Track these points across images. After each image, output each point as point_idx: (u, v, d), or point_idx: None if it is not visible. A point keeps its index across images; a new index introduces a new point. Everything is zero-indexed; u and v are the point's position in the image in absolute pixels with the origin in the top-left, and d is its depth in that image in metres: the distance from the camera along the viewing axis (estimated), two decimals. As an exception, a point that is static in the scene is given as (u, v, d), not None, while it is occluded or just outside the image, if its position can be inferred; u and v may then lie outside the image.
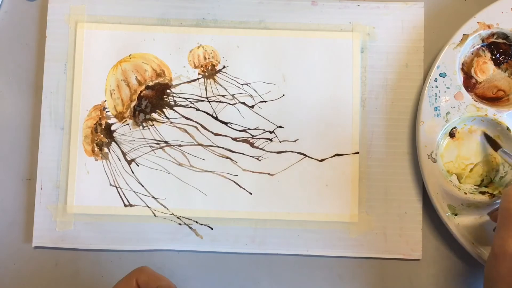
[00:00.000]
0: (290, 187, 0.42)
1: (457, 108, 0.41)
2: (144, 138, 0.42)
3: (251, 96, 0.43)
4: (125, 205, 0.42)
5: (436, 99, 0.41)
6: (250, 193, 0.42)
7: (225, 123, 0.43)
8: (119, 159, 0.42)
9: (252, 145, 0.42)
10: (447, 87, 0.41)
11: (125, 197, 0.42)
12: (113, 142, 0.42)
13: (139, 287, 0.34)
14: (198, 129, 0.42)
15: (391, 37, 0.43)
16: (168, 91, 0.43)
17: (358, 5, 0.43)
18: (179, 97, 0.43)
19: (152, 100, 0.43)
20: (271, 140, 0.42)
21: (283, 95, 0.43)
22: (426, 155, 0.40)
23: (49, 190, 0.42)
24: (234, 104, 0.43)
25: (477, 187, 0.41)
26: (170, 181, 0.42)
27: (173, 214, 0.42)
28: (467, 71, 0.43)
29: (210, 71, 0.43)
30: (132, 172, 0.42)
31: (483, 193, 0.41)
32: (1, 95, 0.43)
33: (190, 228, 0.42)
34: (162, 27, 0.43)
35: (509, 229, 0.34)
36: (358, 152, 0.42)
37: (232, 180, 0.42)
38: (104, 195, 0.42)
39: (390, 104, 0.43)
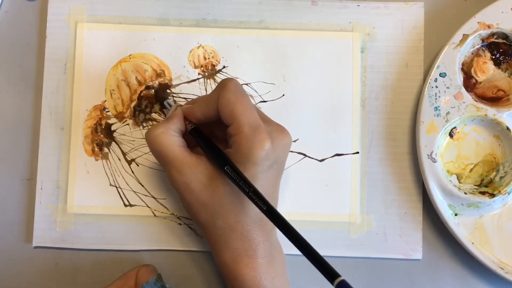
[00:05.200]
0: (290, 187, 0.42)
1: (457, 108, 0.41)
2: (144, 138, 0.42)
3: (251, 96, 0.43)
4: (125, 205, 0.42)
5: (436, 99, 0.41)
6: (250, 193, 0.42)
7: (225, 123, 0.42)
8: (119, 159, 0.42)
9: (252, 145, 0.42)
10: (447, 87, 0.41)
11: (125, 197, 0.42)
12: (113, 142, 0.42)
13: (137, 280, 0.36)
14: (198, 129, 0.42)
15: (391, 37, 0.43)
16: (168, 91, 0.43)
17: (358, 5, 0.43)
18: (179, 97, 0.43)
19: (152, 100, 0.43)
20: (271, 140, 0.42)
21: (283, 95, 0.43)
22: (426, 155, 0.40)
23: (49, 190, 0.42)
24: (234, 104, 0.43)
25: (477, 187, 0.41)
26: (170, 181, 0.42)
27: (173, 214, 0.42)
28: (467, 71, 0.43)
29: (210, 71, 0.43)
30: (132, 172, 0.42)
31: (483, 193, 0.41)
32: (1, 95, 0.43)
33: (190, 228, 0.42)
34: (162, 27, 0.43)
35: (169, 175, 0.35)
36: (358, 152, 0.42)
37: (232, 180, 0.42)
38: (104, 195, 0.42)
39: (390, 104, 0.43)
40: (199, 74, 0.43)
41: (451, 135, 0.42)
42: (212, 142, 0.35)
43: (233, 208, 0.34)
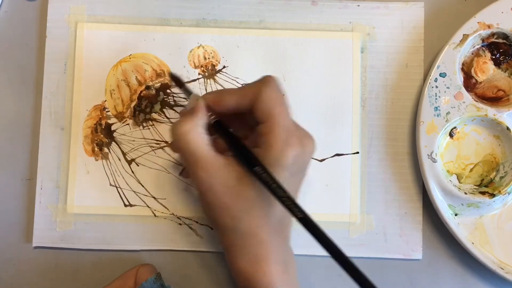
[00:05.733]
0: (290, 187, 0.42)
1: (457, 108, 0.41)
2: (144, 138, 0.42)
3: (251, 96, 0.43)
4: (125, 205, 0.42)
5: (436, 99, 0.41)
6: (250, 193, 0.42)
7: (225, 123, 0.42)
8: (119, 159, 0.42)
9: (252, 145, 0.42)
10: (447, 87, 0.41)
11: (125, 197, 0.42)
12: (113, 142, 0.42)
13: (136, 280, 0.36)
14: (198, 129, 0.42)
15: (391, 37, 0.43)
16: (168, 91, 0.43)
17: (358, 5, 0.43)
18: (179, 97, 0.43)
19: (152, 100, 0.43)
20: (271, 140, 0.42)
21: (283, 95, 0.43)
22: (426, 155, 0.40)
23: (49, 190, 0.42)
24: (234, 104, 0.43)
25: (477, 187, 0.41)
26: (170, 181, 0.42)
27: (173, 214, 0.42)
28: (467, 71, 0.43)
29: (210, 71, 0.43)
30: (132, 172, 0.42)
31: (483, 193, 0.41)
32: (1, 95, 0.43)
33: (190, 228, 0.42)
34: (162, 27, 0.43)
35: (194, 174, 0.33)
36: (358, 152, 0.42)
37: (232, 180, 0.42)
38: (104, 195, 0.42)
39: (390, 104, 0.43)
40: (199, 74, 0.43)
41: (451, 135, 0.42)
42: (239, 138, 0.34)
43: (257, 213, 0.33)
